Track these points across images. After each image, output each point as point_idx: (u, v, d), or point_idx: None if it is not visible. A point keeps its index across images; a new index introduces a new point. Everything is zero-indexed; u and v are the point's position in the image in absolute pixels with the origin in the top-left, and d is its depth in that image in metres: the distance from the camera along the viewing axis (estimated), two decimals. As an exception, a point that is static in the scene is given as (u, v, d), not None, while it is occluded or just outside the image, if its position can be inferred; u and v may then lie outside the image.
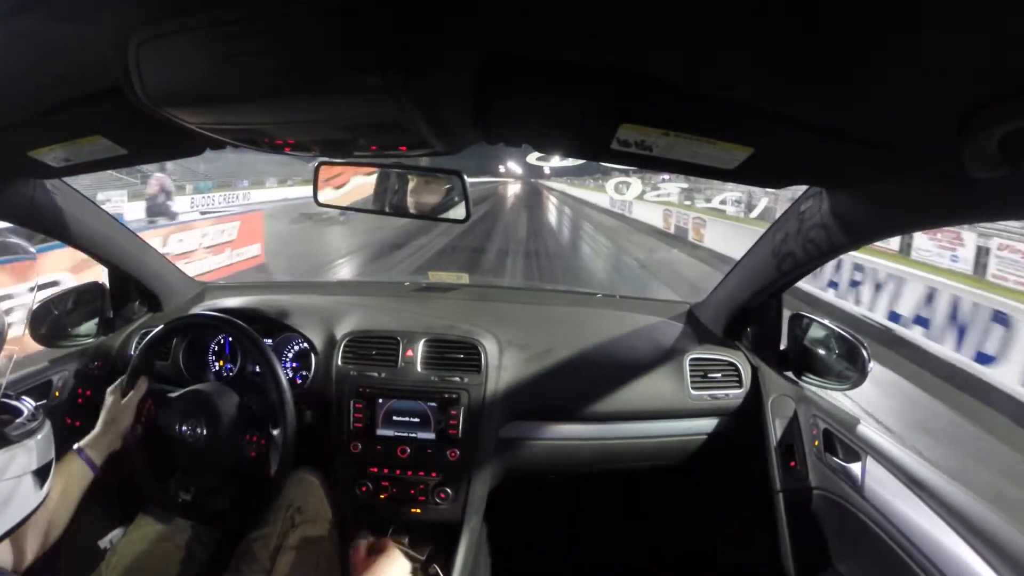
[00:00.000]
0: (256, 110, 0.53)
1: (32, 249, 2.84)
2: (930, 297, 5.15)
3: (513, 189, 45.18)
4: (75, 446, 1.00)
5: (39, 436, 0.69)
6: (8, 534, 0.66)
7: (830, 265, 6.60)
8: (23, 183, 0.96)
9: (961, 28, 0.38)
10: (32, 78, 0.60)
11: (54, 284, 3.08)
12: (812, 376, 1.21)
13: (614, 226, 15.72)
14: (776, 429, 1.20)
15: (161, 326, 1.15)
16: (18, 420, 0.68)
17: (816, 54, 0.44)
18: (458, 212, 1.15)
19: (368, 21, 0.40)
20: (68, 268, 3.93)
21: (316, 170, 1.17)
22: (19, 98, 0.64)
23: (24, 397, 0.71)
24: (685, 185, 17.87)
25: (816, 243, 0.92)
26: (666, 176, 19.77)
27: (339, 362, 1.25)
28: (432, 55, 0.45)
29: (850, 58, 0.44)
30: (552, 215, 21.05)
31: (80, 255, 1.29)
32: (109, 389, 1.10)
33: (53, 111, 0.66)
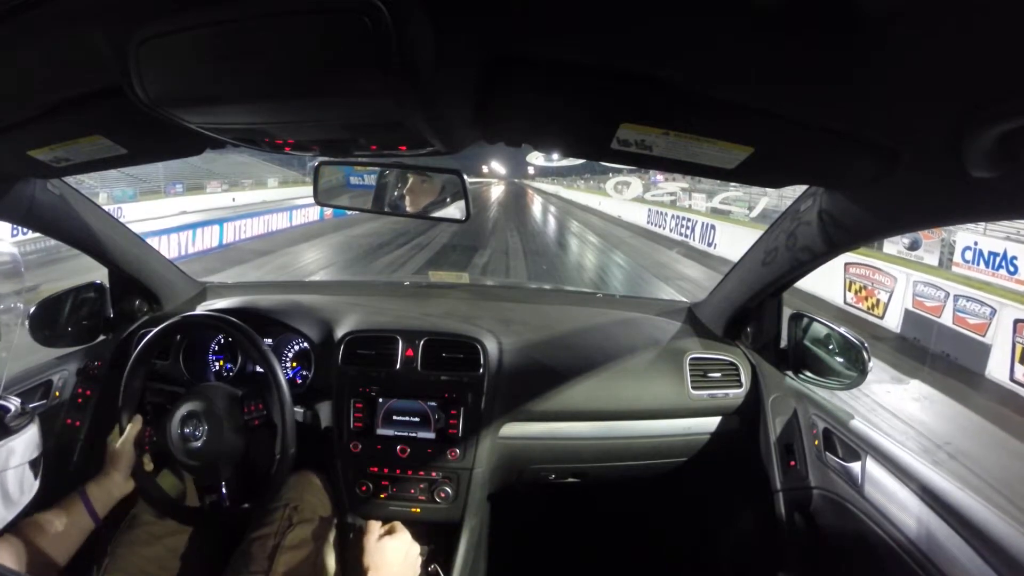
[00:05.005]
0: (256, 110, 0.53)
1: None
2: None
3: (496, 193, 38.79)
4: (80, 488, 0.99)
5: (33, 428, 0.74)
6: (18, 518, 0.70)
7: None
8: (23, 183, 0.96)
9: (960, 28, 0.38)
10: (32, 78, 0.59)
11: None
12: (812, 375, 1.21)
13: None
14: (776, 428, 1.20)
15: (160, 326, 1.15)
16: (8, 415, 0.71)
17: (815, 54, 0.44)
18: (458, 211, 1.15)
19: (369, 20, 0.40)
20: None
21: (316, 170, 1.18)
22: (19, 98, 0.64)
23: (8, 396, 0.73)
24: (685, 185, 17.66)
25: (815, 242, 0.92)
26: (659, 177, 19.67)
27: (339, 362, 1.25)
28: (433, 55, 0.45)
29: (850, 58, 0.44)
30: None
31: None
32: (109, 438, 1.10)
33: (53, 111, 0.66)
